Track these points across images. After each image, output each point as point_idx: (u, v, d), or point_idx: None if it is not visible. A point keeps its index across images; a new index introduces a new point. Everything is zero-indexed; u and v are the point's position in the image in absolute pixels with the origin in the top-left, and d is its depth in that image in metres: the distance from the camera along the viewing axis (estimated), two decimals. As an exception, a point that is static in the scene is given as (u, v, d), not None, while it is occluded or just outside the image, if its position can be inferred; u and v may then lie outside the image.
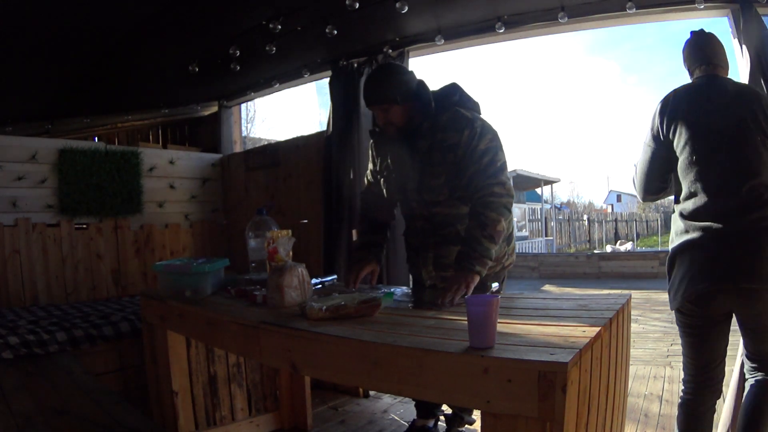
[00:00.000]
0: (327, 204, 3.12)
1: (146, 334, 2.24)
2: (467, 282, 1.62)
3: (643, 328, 4.96)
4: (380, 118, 1.84)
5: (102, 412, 1.65)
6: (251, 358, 2.31)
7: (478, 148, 1.74)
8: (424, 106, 1.82)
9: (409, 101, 1.81)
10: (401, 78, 1.83)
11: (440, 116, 1.81)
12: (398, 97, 1.78)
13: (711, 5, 2.29)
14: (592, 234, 20.62)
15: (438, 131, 1.79)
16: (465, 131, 1.75)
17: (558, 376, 0.96)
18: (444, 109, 1.82)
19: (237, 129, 4.50)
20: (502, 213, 1.70)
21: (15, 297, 3.11)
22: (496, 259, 1.87)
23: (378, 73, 1.90)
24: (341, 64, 3.14)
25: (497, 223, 1.68)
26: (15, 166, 3.18)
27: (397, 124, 1.83)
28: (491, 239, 1.68)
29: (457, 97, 1.87)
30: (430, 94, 1.85)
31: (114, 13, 2.40)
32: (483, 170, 1.73)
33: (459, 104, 1.85)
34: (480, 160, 1.73)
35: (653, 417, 2.55)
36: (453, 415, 2.19)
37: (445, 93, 1.89)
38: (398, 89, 1.79)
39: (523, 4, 2.56)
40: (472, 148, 1.74)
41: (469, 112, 1.82)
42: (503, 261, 1.96)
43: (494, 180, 1.71)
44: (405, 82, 1.82)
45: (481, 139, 1.75)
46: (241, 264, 2.38)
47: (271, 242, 1.73)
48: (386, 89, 1.79)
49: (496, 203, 1.70)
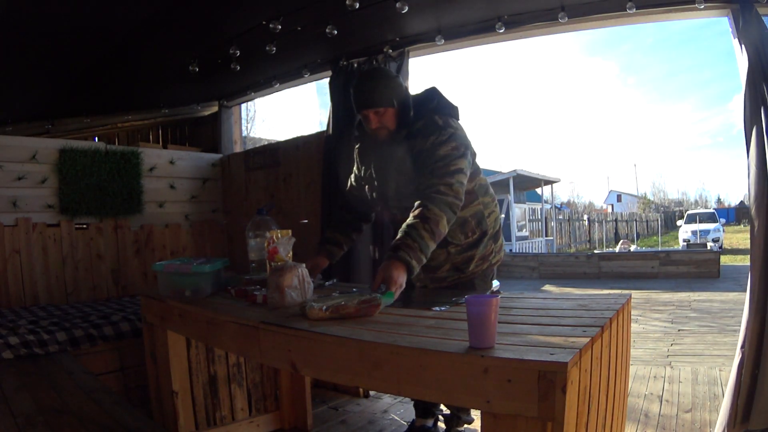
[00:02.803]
0: (327, 204, 3.12)
1: (146, 334, 2.24)
2: (397, 276, 1.55)
3: (643, 328, 4.96)
4: (373, 122, 1.80)
5: (102, 412, 1.65)
6: (251, 358, 2.31)
7: (436, 153, 1.72)
8: (405, 113, 1.82)
9: (401, 105, 1.81)
10: (396, 81, 1.84)
11: (416, 123, 1.80)
12: (394, 100, 1.78)
13: (711, 5, 2.29)
14: (592, 234, 20.62)
15: (411, 138, 1.79)
16: (431, 137, 1.74)
17: (558, 376, 0.96)
18: (419, 116, 1.81)
19: (237, 129, 4.50)
20: (445, 211, 1.65)
21: (15, 297, 3.11)
22: (482, 257, 1.90)
23: (374, 74, 1.86)
24: (341, 64, 3.14)
25: (440, 219, 1.63)
26: (15, 166, 3.18)
27: (389, 127, 1.81)
28: (432, 235, 1.62)
29: (434, 103, 1.84)
30: (410, 101, 1.84)
31: (114, 14, 2.40)
32: (433, 171, 1.71)
33: (436, 110, 1.82)
34: (434, 163, 1.72)
35: (653, 417, 2.55)
36: (451, 415, 2.19)
37: (423, 98, 1.87)
38: (394, 91, 1.79)
39: (523, 4, 2.56)
40: (431, 153, 1.73)
41: (442, 119, 1.79)
42: (490, 258, 1.97)
43: (440, 180, 1.69)
44: (399, 85, 1.83)
45: (443, 146, 1.73)
46: (241, 264, 2.38)
47: (271, 242, 1.73)
48: (384, 91, 1.77)
49: (439, 200, 1.66)
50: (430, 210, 1.64)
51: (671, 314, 5.76)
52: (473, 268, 1.94)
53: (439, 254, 1.83)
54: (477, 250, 1.91)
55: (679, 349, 4.09)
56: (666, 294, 7.23)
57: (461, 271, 1.93)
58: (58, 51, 2.76)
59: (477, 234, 1.90)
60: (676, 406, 2.69)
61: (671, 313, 5.86)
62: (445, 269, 1.93)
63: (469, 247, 1.90)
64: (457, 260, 1.91)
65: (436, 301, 1.61)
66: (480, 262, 1.93)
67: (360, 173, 2.06)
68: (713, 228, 16.79)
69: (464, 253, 1.91)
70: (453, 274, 1.94)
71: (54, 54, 2.79)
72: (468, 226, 1.87)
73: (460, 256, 1.90)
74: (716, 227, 17.04)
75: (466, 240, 1.89)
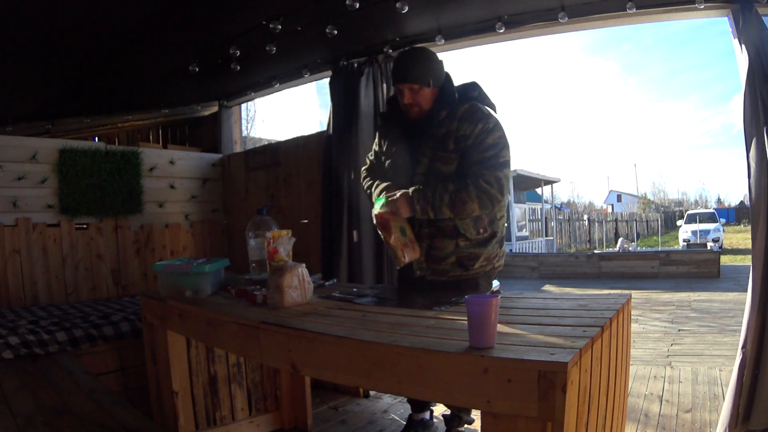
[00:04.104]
0: (327, 204, 3.12)
1: (146, 334, 2.24)
2: (404, 205, 1.76)
3: (643, 328, 4.96)
4: (407, 97, 1.86)
5: (102, 412, 1.65)
6: (251, 358, 2.31)
7: (485, 141, 1.80)
8: (447, 95, 1.88)
9: (438, 87, 1.87)
10: (436, 63, 1.89)
11: (458, 107, 1.87)
12: (431, 80, 1.84)
13: (711, 5, 2.29)
14: (592, 234, 20.62)
15: (455, 120, 1.85)
16: (479, 124, 1.82)
17: (558, 376, 0.96)
18: (463, 101, 1.88)
19: (237, 129, 4.50)
20: (482, 200, 1.75)
21: (15, 297, 3.11)
22: (487, 258, 1.94)
23: (416, 52, 1.93)
24: (341, 64, 3.13)
25: (469, 203, 1.75)
26: (15, 166, 3.18)
27: (422, 106, 1.87)
28: (452, 207, 1.75)
29: (476, 93, 1.93)
30: (454, 86, 1.91)
31: (114, 13, 2.40)
32: (485, 161, 1.79)
33: (478, 99, 1.91)
34: (485, 152, 1.79)
35: (653, 417, 2.55)
36: (452, 415, 2.20)
37: (466, 87, 1.95)
38: (433, 73, 1.85)
39: (523, 4, 2.56)
40: (480, 140, 1.80)
41: (486, 109, 1.89)
42: (494, 262, 1.99)
43: (490, 171, 1.77)
44: (439, 68, 1.89)
45: (491, 134, 1.81)
46: (241, 264, 2.39)
47: (271, 242, 1.73)
48: (422, 70, 1.83)
49: (482, 188, 1.75)
50: (468, 189, 1.74)
51: (671, 314, 5.76)
52: (477, 267, 1.94)
53: (447, 245, 1.89)
54: (485, 249, 1.93)
55: (679, 349, 4.09)
56: (666, 294, 7.23)
57: (465, 268, 1.94)
58: (58, 51, 2.76)
59: (488, 233, 1.93)
60: (676, 406, 2.69)
61: (671, 313, 5.86)
62: (449, 262, 1.93)
63: (478, 245, 1.92)
64: (464, 255, 1.92)
65: (437, 301, 1.61)
66: (485, 262, 1.94)
67: (381, 148, 2.07)
68: (713, 228, 16.79)
69: (472, 249, 1.92)
70: (456, 269, 1.94)
71: (54, 54, 2.79)
72: (481, 223, 1.90)
73: (467, 252, 1.91)
74: (716, 227, 17.04)
75: (476, 236, 1.90)
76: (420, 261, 1.93)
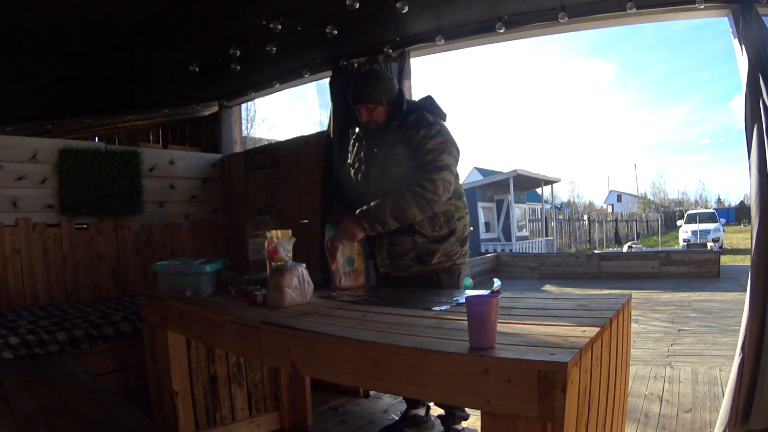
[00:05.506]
0: (327, 204, 3.12)
1: (146, 334, 2.24)
2: (353, 230, 1.95)
3: (643, 328, 4.96)
4: (364, 115, 2.11)
5: (102, 412, 1.65)
6: (251, 358, 2.31)
7: (426, 146, 1.98)
8: (398, 108, 2.11)
9: (390, 102, 2.10)
10: (388, 83, 2.12)
11: (408, 117, 2.08)
12: (384, 99, 2.08)
13: (711, 5, 2.29)
14: (592, 234, 20.62)
15: (404, 128, 2.06)
16: (422, 131, 2.00)
17: (558, 376, 0.96)
18: (412, 111, 2.10)
19: (237, 129, 4.49)
20: (418, 202, 1.91)
21: (15, 297, 3.11)
22: (445, 254, 2.11)
23: (369, 76, 2.17)
24: (341, 64, 3.13)
25: (408, 210, 1.92)
26: (15, 166, 3.18)
27: (377, 120, 2.11)
28: (395, 218, 1.92)
29: (427, 104, 2.14)
30: (405, 99, 2.14)
31: (114, 13, 2.40)
32: (423, 165, 1.96)
33: (428, 109, 2.11)
34: (424, 156, 1.97)
35: (653, 417, 2.55)
36: (446, 414, 2.21)
37: (418, 101, 2.18)
38: (385, 91, 2.08)
39: (523, 4, 2.56)
40: (422, 145, 1.98)
41: (432, 117, 2.07)
42: (454, 258, 2.14)
43: (426, 175, 1.93)
44: (391, 87, 2.12)
45: (432, 139, 1.98)
46: (241, 264, 2.39)
47: (271, 242, 1.73)
48: (375, 91, 2.07)
49: (418, 193, 1.91)
50: (405, 197, 1.92)
51: (671, 314, 5.76)
52: (435, 262, 2.10)
53: (405, 241, 2.08)
54: (442, 246, 2.09)
55: (679, 349, 4.09)
56: (666, 294, 7.23)
57: (424, 264, 2.10)
58: (58, 51, 2.76)
59: (444, 231, 2.09)
60: (676, 406, 2.69)
61: (671, 313, 5.86)
62: (409, 257, 2.10)
63: (435, 241, 2.09)
64: (422, 251, 2.08)
65: (436, 301, 1.61)
66: (443, 258, 2.10)
67: (351, 158, 2.30)
68: (713, 228, 16.81)
69: (429, 245, 2.08)
70: (416, 265, 2.11)
71: (54, 54, 2.79)
72: (436, 221, 2.07)
73: (424, 248, 2.08)
74: (716, 227, 17.06)
75: (432, 233, 2.07)
76: (383, 258, 2.14)
